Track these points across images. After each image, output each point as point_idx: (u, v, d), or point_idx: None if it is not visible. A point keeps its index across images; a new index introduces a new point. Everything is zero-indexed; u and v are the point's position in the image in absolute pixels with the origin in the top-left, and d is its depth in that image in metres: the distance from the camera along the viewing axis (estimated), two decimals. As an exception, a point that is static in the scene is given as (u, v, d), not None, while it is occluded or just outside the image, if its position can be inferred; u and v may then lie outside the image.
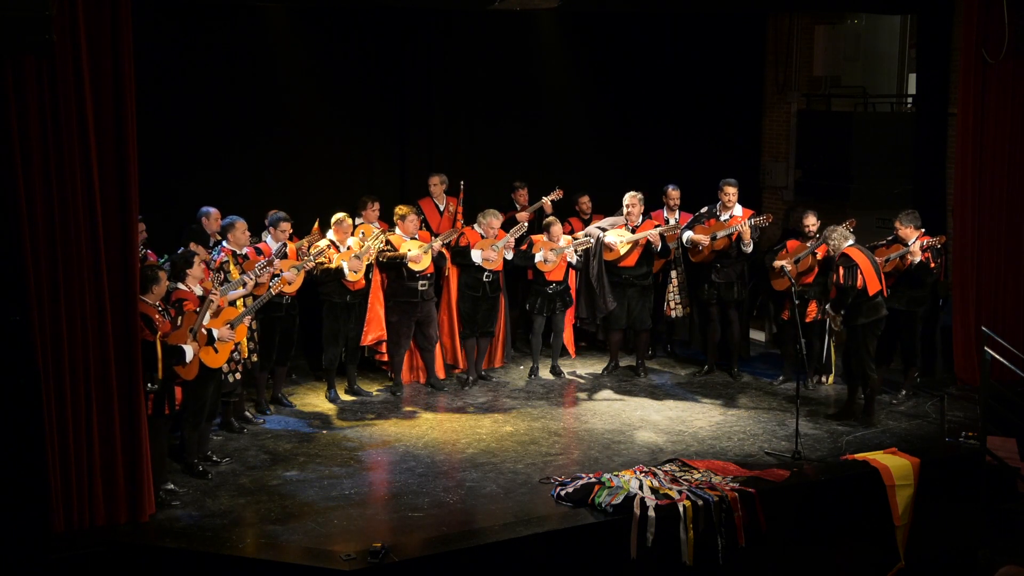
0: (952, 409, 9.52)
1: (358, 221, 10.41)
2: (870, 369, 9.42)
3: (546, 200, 11.46)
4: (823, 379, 10.66)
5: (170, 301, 7.91)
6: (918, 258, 9.62)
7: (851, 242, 9.49)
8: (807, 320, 10.12)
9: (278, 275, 9.13)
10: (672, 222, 10.94)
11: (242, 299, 8.82)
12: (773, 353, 11.62)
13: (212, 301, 8.04)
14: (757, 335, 12.28)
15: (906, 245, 9.74)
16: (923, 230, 9.81)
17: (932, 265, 9.68)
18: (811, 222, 10.29)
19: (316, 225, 9.97)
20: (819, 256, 10.18)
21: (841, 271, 9.28)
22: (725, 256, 10.65)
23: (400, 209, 10.27)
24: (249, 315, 8.59)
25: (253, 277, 8.82)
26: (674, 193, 11.15)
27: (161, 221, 9.82)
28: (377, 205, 10.60)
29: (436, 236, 10.42)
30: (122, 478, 7.38)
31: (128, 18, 7.16)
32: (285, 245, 9.48)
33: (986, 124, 10.45)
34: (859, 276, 9.25)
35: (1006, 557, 8.27)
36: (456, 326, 10.69)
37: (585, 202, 11.77)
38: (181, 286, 8.08)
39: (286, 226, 9.53)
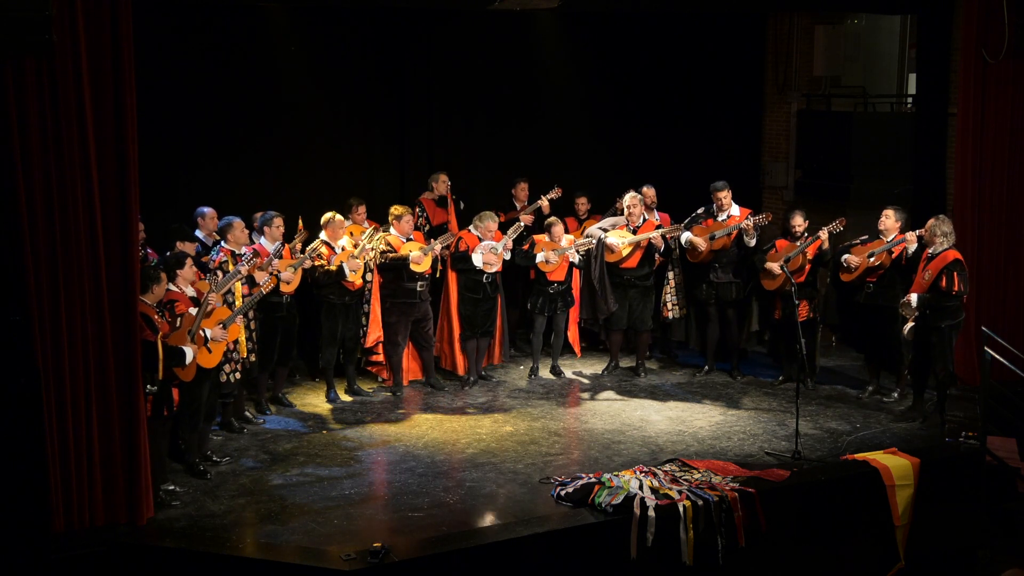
0: (952, 409, 9.53)
1: (347, 223, 10.40)
2: (950, 368, 9.36)
3: (543, 200, 11.46)
4: (810, 380, 10.63)
5: (162, 302, 7.89)
6: (913, 246, 9.58)
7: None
8: (799, 320, 10.09)
9: (274, 273, 9.11)
10: (655, 220, 10.92)
11: (240, 299, 8.80)
12: (763, 352, 11.61)
13: (210, 302, 8.04)
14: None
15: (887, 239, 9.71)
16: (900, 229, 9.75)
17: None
18: (798, 223, 10.29)
19: (300, 223, 9.95)
20: (809, 255, 10.18)
21: (956, 277, 9.07)
22: (724, 256, 10.65)
23: (396, 209, 10.25)
24: (241, 314, 8.57)
25: (247, 264, 8.81)
26: (649, 192, 11.14)
27: (161, 221, 9.80)
28: (363, 208, 10.58)
29: (435, 239, 10.41)
30: (121, 478, 7.38)
31: (128, 18, 7.16)
32: (282, 244, 9.47)
33: (986, 124, 10.45)
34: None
35: (1006, 557, 8.29)
36: (456, 331, 10.67)
37: (583, 203, 11.75)
38: (172, 287, 8.06)
39: (279, 222, 9.50)
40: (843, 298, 10.26)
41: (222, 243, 9.21)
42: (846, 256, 9.92)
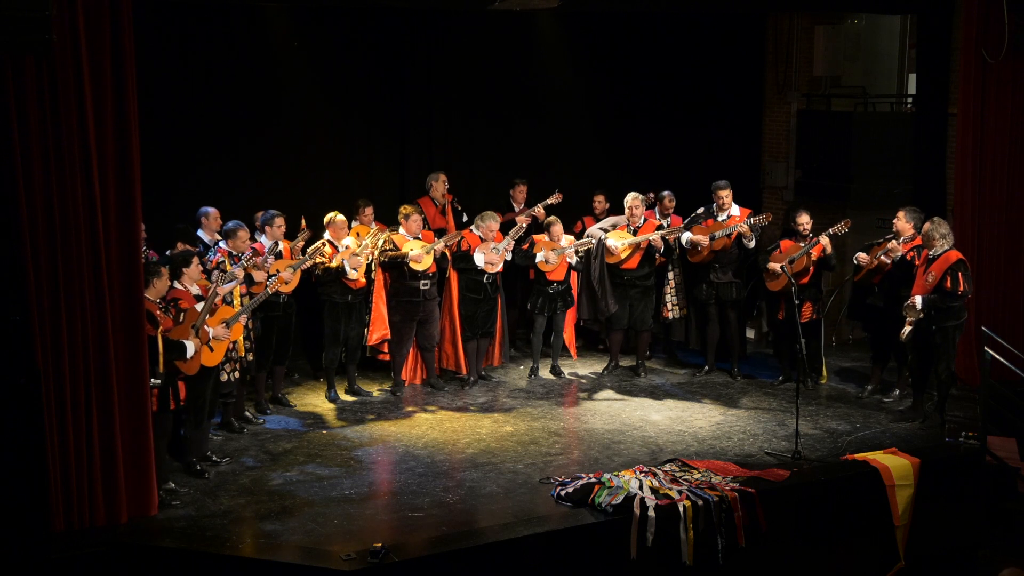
0: (952, 409, 9.53)
1: (353, 224, 10.41)
2: (952, 368, 9.39)
3: (539, 208, 11.38)
4: (818, 379, 10.64)
5: (166, 299, 7.92)
6: (899, 253, 9.60)
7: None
8: (803, 320, 10.10)
9: (274, 275, 9.14)
10: (665, 225, 10.93)
11: (238, 298, 8.83)
12: (770, 353, 11.62)
13: (217, 293, 8.09)
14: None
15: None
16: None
17: (918, 262, 9.60)
18: (804, 221, 10.28)
19: (303, 223, 9.97)
20: (814, 256, 10.17)
21: (961, 277, 9.06)
22: (724, 256, 10.65)
23: (404, 209, 10.28)
24: (245, 314, 8.60)
25: (242, 268, 8.84)
26: (670, 204, 11.19)
27: (161, 221, 9.82)
28: (371, 209, 10.58)
29: (439, 237, 10.42)
30: (123, 477, 7.39)
31: (128, 18, 7.17)
32: (278, 244, 9.49)
33: (986, 124, 10.46)
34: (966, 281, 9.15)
35: (1006, 557, 8.29)
36: (458, 331, 10.67)
37: (600, 201, 11.66)
38: (177, 285, 8.11)
39: (280, 221, 9.54)
40: (856, 297, 10.30)
41: (220, 243, 9.23)
42: (857, 254, 9.97)
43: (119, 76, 7.16)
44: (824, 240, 10.04)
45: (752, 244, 10.54)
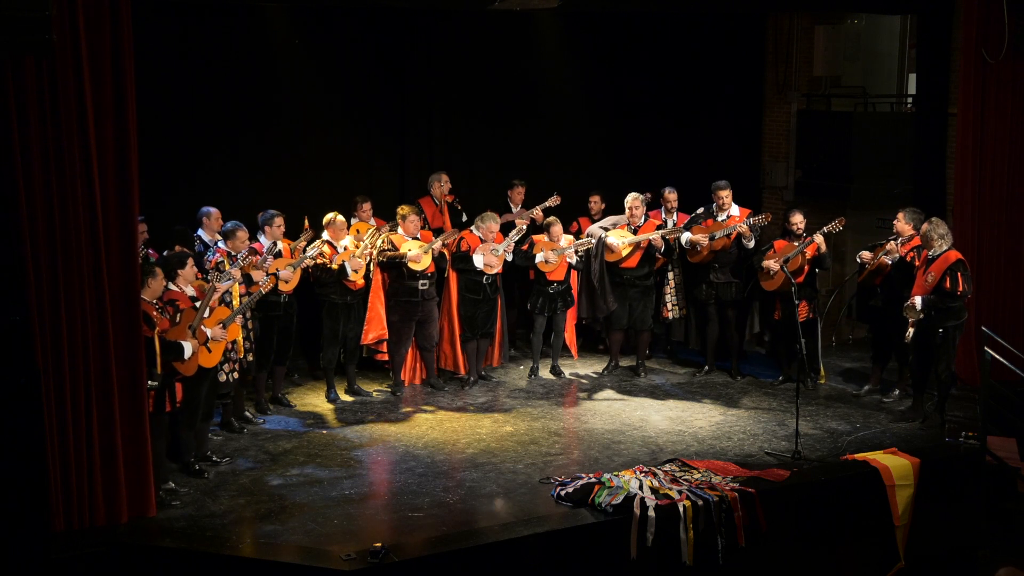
0: (952, 409, 9.53)
1: (352, 221, 10.41)
2: (952, 368, 9.39)
3: (537, 211, 11.37)
4: (818, 379, 10.64)
5: (163, 300, 7.92)
6: (897, 256, 9.60)
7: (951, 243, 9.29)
8: (799, 320, 10.09)
9: (272, 273, 9.13)
10: (670, 224, 10.94)
11: (237, 298, 8.82)
12: (763, 352, 11.62)
13: (216, 289, 8.09)
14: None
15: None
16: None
17: (917, 263, 9.61)
18: (797, 220, 10.29)
19: (307, 223, 9.96)
20: (808, 255, 10.18)
21: (960, 278, 9.07)
22: (723, 256, 10.65)
23: (402, 209, 10.27)
24: (241, 314, 8.59)
25: (239, 267, 8.83)
26: (671, 196, 11.16)
27: (161, 221, 9.82)
28: (368, 204, 10.60)
29: (437, 237, 10.42)
30: (123, 477, 7.39)
31: (128, 18, 7.17)
32: (276, 243, 9.48)
33: (986, 124, 10.46)
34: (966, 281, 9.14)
35: (1006, 557, 8.29)
36: (456, 331, 10.67)
37: (596, 201, 11.65)
38: (172, 286, 8.10)
39: (280, 221, 9.54)
40: (862, 299, 10.31)
41: (219, 243, 9.23)
42: (861, 253, 9.98)
43: (119, 76, 7.16)
44: (818, 239, 10.06)
45: (751, 244, 10.53)
